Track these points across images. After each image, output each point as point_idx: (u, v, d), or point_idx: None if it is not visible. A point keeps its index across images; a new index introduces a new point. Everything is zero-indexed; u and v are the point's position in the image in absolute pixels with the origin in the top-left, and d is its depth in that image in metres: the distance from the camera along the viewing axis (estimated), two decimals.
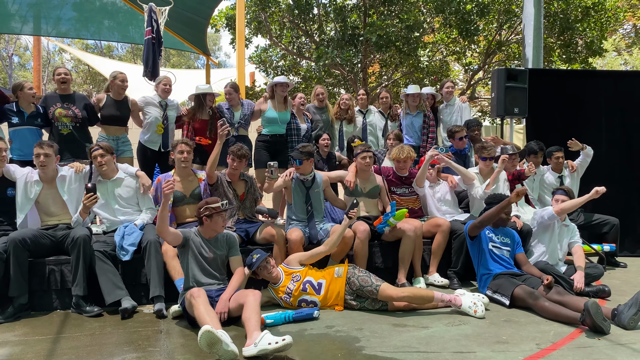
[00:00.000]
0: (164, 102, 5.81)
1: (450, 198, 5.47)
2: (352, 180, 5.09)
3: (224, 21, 13.44)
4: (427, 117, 6.55)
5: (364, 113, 6.78)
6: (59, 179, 4.47)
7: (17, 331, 3.65)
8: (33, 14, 10.41)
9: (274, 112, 6.09)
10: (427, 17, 13.09)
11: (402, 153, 5.29)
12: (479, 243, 4.58)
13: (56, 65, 8.51)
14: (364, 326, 3.71)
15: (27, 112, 5.18)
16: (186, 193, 4.75)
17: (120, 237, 4.33)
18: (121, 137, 5.65)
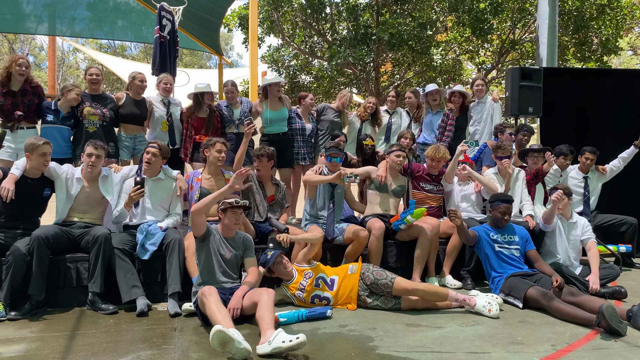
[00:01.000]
0: (167, 101, 5.87)
1: (474, 199, 5.44)
2: (384, 175, 5.10)
3: (236, 21, 13.49)
4: (446, 115, 6.50)
5: (391, 113, 6.76)
6: (101, 178, 4.55)
7: (34, 327, 3.69)
8: (48, 14, 10.52)
9: (270, 112, 6.09)
10: (439, 15, 13.01)
11: (437, 153, 5.29)
12: (482, 247, 4.56)
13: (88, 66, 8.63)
14: (377, 325, 3.70)
15: (63, 112, 5.29)
16: (213, 191, 4.78)
17: (143, 236, 4.37)
18: (138, 136, 5.74)
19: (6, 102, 5.08)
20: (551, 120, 7.03)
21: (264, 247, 4.50)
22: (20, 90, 5.15)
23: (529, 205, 5.39)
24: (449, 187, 5.40)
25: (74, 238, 4.32)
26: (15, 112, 5.07)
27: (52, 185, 4.48)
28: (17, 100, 5.13)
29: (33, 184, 4.36)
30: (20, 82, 5.15)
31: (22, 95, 5.16)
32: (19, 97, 5.14)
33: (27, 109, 5.17)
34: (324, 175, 4.82)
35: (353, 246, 4.62)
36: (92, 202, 4.54)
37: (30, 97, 5.20)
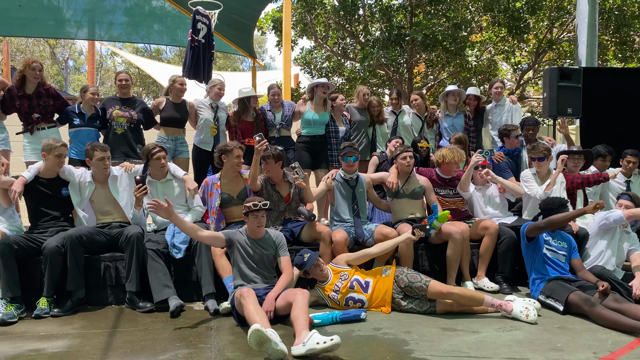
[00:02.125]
0: (215, 105, 5.96)
1: (499, 201, 5.34)
2: (394, 182, 5.03)
3: (270, 24, 13.58)
4: (468, 117, 6.41)
5: (397, 114, 6.70)
6: (111, 179, 4.65)
7: (75, 324, 3.80)
8: (87, 19, 10.79)
9: (312, 113, 6.13)
10: (474, 15, 12.80)
11: (452, 156, 5.17)
12: (535, 246, 4.44)
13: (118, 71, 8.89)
14: (412, 329, 3.67)
15: (87, 114, 5.44)
16: (233, 195, 4.84)
17: (171, 236, 4.45)
18: (179, 138, 5.86)
19: (23, 105, 5.25)
20: (591, 122, 6.85)
21: (300, 247, 4.53)
22: (35, 93, 5.31)
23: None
24: (466, 195, 5.27)
25: (112, 237, 4.43)
26: (32, 114, 5.24)
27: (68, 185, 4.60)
28: (32, 102, 5.29)
29: (50, 185, 4.49)
30: (35, 85, 5.30)
31: (37, 98, 5.31)
32: (34, 99, 5.30)
33: (43, 111, 5.34)
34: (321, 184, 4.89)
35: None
36: (112, 202, 4.64)
37: (45, 99, 5.35)
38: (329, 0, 13.20)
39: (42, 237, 4.29)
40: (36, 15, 10.02)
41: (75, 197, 4.55)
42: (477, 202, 5.32)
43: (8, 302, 3.93)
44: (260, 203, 3.91)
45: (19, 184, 4.29)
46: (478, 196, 5.34)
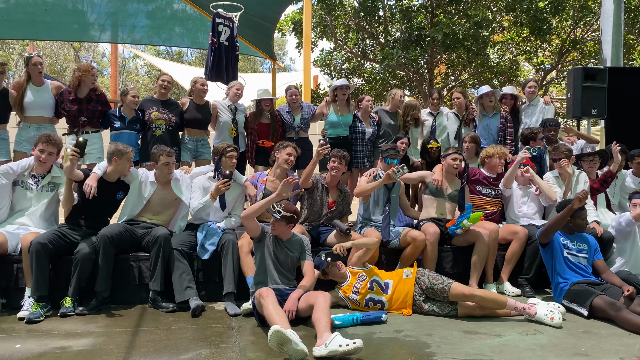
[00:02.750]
0: (234, 106, 6.00)
1: (536, 204, 5.27)
2: (440, 179, 5.00)
3: (290, 25, 13.64)
4: (504, 117, 6.31)
5: (435, 115, 6.65)
6: (173, 181, 4.74)
7: (100, 323, 3.86)
8: (111, 22, 10.97)
9: (336, 115, 6.12)
10: (496, 15, 12.67)
11: (498, 149, 5.19)
12: (552, 250, 4.38)
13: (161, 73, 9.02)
14: (433, 332, 3.64)
15: (128, 117, 5.54)
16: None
17: (203, 236, 4.50)
18: (201, 140, 5.92)
19: (72, 108, 5.36)
20: (616, 122, 6.71)
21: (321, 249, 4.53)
22: (86, 97, 5.41)
23: (592, 210, 5.16)
24: (508, 192, 5.23)
25: (137, 237, 4.49)
26: (80, 117, 5.34)
27: (126, 189, 4.68)
28: (82, 106, 5.38)
29: (109, 187, 4.57)
30: (88, 90, 5.40)
31: (87, 102, 5.41)
32: (84, 103, 5.40)
33: (91, 115, 5.42)
34: (377, 180, 4.78)
35: (410, 250, 4.57)
36: (166, 204, 4.73)
37: (94, 104, 5.45)
38: (349, 2, 13.19)
39: (74, 235, 4.34)
40: (61, 19, 10.21)
41: (133, 195, 4.64)
42: (516, 200, 5.26)
43: (35, 301, 4.00)
44: (276, 209, 3.90)
45: (93, 179, 4.36)
46: (518, 195, 5.28)
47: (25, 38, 15.83)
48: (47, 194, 4.53)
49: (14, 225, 4.40)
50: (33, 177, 4.53)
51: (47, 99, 5.38)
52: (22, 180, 4.51)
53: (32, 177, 4.53)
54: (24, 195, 4.50)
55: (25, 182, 4.51)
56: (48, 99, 5.38)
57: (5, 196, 4.45)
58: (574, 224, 4.39)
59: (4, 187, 4.42)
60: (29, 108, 5.33)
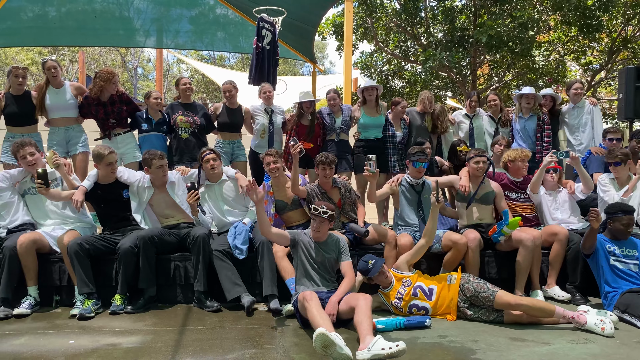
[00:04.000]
0: (269, 109, 6.07)
1: (568, 206, 5.11)
2: (466, 185, 4.92)
3: (330, 28, 13.66)
4: (542, 120, 6.17)
5: (471, 117, 6.53)
6: (169, 184, 4.82)
7: (147, 321, 3.96)
8: (156, 28, 11.28)
9: (366, 117, 6.11)
10: (542, 15, 12.33)
11: (521, 152, 5.10)
12: (597, 259, 4.23)
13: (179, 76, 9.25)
14: (479, 338, 3.57)
15: (154, 119, 5.68)
16: (287, 201, 4.93)
17: (233, 238, 4.56)
18: (236, 142, 6.04)
19: (99, 112, 5.52)
20: None
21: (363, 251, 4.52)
22: (109, 100, 5.56)
23: None
24: (536, 198, 5.08)
25: (181, 238, 4.59)
26: (108, 120, 5.50)
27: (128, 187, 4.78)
28: (107, 109, 5.55)
29: (110, 189, 4.70)
30: (107, 93, 5.54)
31: (111, 105, 5.56)
32: (109, 106, 5.56)
33: (118, 117, 5.59)
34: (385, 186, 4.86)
35: (451, 254, 4.50)
36: (171, 205, 4.80)
37: (118, 105, 5.60)
38: (390, 4, 13.11)
39: (115, 237, 4.52)
40: (109, 26, 10.57)
41: (134, 200, 4.74)
42: (546, 206, 5.11)
43: (86, 298, 4.15)
44: (321, 209, 3.93)
45: (79, 194, 4.50)
46: (548, 200, 5.13)
47: (75, 44, 16.49)
48: (55, 190, 4.64)
49: (49, 226, 4.61)
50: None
51: (66, 100, 5.54)
52: (28, 189, 4.71)
53: (34, 181, 4.63)
54: (38, 201, 4.69)
55: (31, 189, 4.69)
56: (68, 99, 5.54)
57: (11, 201, 4.61)
58: (614, 228, 4.24)
59: (5, 191, 4.60)
60: (51, 110, 5.52)
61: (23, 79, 5.41)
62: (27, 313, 4.12)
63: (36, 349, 3.32)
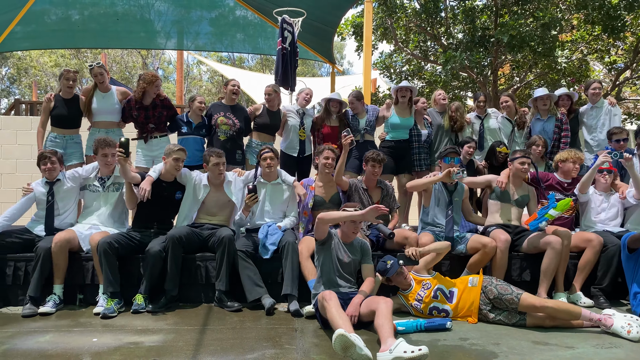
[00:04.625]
0: (302, 111, 6.09)
1: (615, 211, 5.01)
2: (504, 181, 4.87)
3: (350, 29, 13.64)
4: (560, 120, 6.06)
5: (482, 118, 6.47)
6: (226, 183, 4.88)
7: (169, 320, 4.00)
8: (176, 30, 11.42)
9: (397, 118, 6.08)
10: (565, 14, 12.12)
11: (573, 153, 5.02)
12: (638, 257, 4.13)
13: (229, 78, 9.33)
14: (500, 341, 3.53)
15: (194, 122, 5.74)
16: (326, 198, 4.93)
17: (264, 236, 4.58)
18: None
19: (140, 116, 5.60)
20: None
21: (384, 253, 4.50)
22: (151, 104, 5.63)
23: None
24: (584, 197, 5.00)
25: (204, 238, 4.63)
26: (148, 124, 5.57)
27: (183, 189, 4.85)
28: (148, 113, 5.62)
29: (166, 188, 4.77)
30: (150, 97, 5.62)
31: (152, 109, 5.63)
32: (150, 110, 5.63)
33: (157, 121, 5.66)
34: (435, 177, 4.71)
35: (479, 256, 4.44)
36: (220, 205, 4.87)
37: (159, 109, 5.66)
38: (410, 4, 13.04)
39: (143, 237, 4.58)
40: (131, 28, 10.73)
41: (188, 197, 4.81)
42: (593, 207, 5.03)
43: (109, 298, 4.21)
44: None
45: (147, 183, 4.59)
46: (597, 200, 5.04)
47: (98, 47, 16.76)
48: (113, 194, 4.82)
49: (86, 225, 4.68)
50: (100, 179, 4.84)
51: (112, 105, 5.65)
52: (89, 184, 4.84)
53: (98, 179, 4.84)
54: (92, 198, 4.83)
55: (92, 185, 4.84)
56: (114, 104, 5.66)
57: (72, 199, 4.82)
58: None
59: (71, 190, 4.79)
60: (97, 114, 5.64)
61: (73, 82, 5.55)
62: (51, 311, 4.20)
63: (61, 347, 3.37)
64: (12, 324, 3.93)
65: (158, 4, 10.15)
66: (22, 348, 3.35)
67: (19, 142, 8.58)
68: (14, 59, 28.55)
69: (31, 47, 13.41)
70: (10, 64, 29.62)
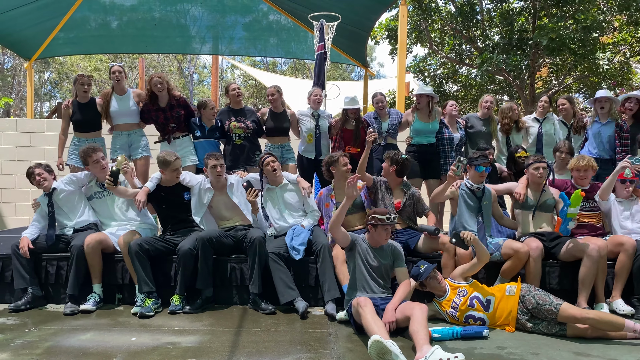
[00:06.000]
0: (316, 113, 6.10)
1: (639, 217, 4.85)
2: (522, 193, 4.76)
3: (384, 32, 13.61)
4: (620, 126, 5.70)
5: (541, 122, 6.30)
6: (229, 186, 4.92)
7: (205, 321, 4.05)
8: (211, 35, 11.62)
9: (419, 123, 6.03)
10: (606, 15, 11.80)
11: (581, 161, 4.85)
12: None
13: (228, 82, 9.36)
14: (540, 351, 3.44)
15: (207, 126, 5.81)
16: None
17: (290, 239, 4.59)
18: (284, 146, 6.11)
19: (159, 117, 5.70)
20: None
21: (416, 259, 4.46)
22: (168, 105, 5.73)
23: None
24: (605, 205, 4.84)
25: (238, 240, 4.67)
26: (168, 125, 5.67)
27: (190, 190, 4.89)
28: (167, 114, 5.72)
29: (172, 191, 4.83)
30: (166, 98, 5.72)
31: (170, 110, 5.73)
32: (168, 111, 5.73)
33: (177, 121, 5.76)
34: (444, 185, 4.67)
35: (511, 262, 4.34)
36: (229, 208, 4.90)
37: (176, 109, 5.76)
38: (445, 7, 12.94)
39: (175, 239, 4.66)
40: (167, 33, 10.98)
41: (194, 202, 4.85)
42: (616, 214, 4.86)
43: (146, 297, 4.30)
44: (392, 217, 3.92)
45: (142, 194, 4.68)
46: (619, 209, 4.88)
47: (136, 52, 17.19)
48: (121, 187, 4.80)
49: (113, 227, 4.80)
50: (100, 185, 4.92)
51: (129, 107, 5.78)
52: (94, 193, 4.94)
53: (99, 185, 4.93)
54: (103, 204, 4.93)
55: (97, 192, 4.94)
56: (131, 106, 5.78)
57: (75, 201, 4.86)
58: None
59: (72, 193, 4.85)
60: (116, 116, 5.77)
61: (88, 86, 5.69)
62: (92, 309, 4.31)
63: (101, 345, 3.45)
64: (54, 321, 4.05)
65: (193, 9, 10.36)
66: (64, 345, 3.45)
67: None
68: (55, 63, 29.55)
69: (72, 53, 13.84)
70: (52, 69, 30.66)
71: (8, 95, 26.11)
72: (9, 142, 8.86)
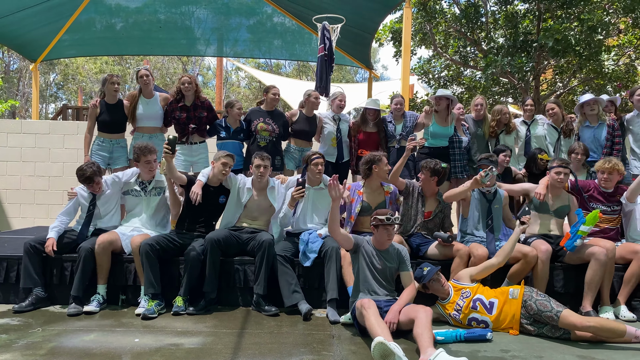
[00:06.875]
0: (337, 117, 6.10)
1: None
2: (542, 193, 4.75)
3: (388, 34, 13.59)
4: (612, 127, 5.79)
5: (529, 124, 6.31)
6: (269, 189, 4.93)
7: (208, 323, 4.05)
8: (216, 37, 11.64)
9: (437, 126, 6.01)
10: (612, 17, 11.74)
11: (607, 163, 4.82)
12: None
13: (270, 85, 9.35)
14: (543, 354, 3.43)
15: (232, 127, 5.82)
16: (372, 205, 4.89)
17: (305, 244, 4.60)
18: (305, 150, 6.09)
19: (182, 116, 5.72)
20: None
21: (421, 261, 4.45)
22: (192, 105, 5.76)
23: None
24: (629, 206, 4.81)
25: (242, 242, 4.67)
26: (189, 125, 5.68)
27: (227, 194, 4.91)
28: (190, 114, 5.74)
29: (212, 192, 4.83)
30: (192, 97, 5.74)
31: (194, 110, 5.76)
32: (192, 111, 5.76)
33: (198, 122, 5.77)
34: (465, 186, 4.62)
35: (519, 266, 4.33)
36: (262, 209, 4.90)
37: (200, 110, 5.79)
38: (450, 9, 12.92)
39: (183, 240, 4.65)
40: (172, 35, 11.01)
41: (232, 200, 4.87)
42: (637, 217, 4.83)
43: (150, 299, 4.30)
44: (393, 217, 3.90)
45: (198, 187, 4.69)
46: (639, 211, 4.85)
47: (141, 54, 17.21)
48: (154, 198, 4.92)
49: (128, 227, 4.81)
50: (141, 184, 4.95)
51: (156, 111, 5.81)
52: (131, 189, 4.95)
53: (139, 184, 4.95)
54: (134, 202, 4.94)
55: (134, 190, 4.95)
56: (157, 110, 5.82)
57: (113, 203, 4.94)
58: None
59: (112, 195, 4.91)
60: (141, 119, 5.79)
61: (118, 85, 5.74)
62: (95, 311, 4.32)
63: (104, 346, 3.46)
64: (58, 322, 4.06)
65: (198, 11, 10.38)
66: (68, 346, 3.46)
67: (66, 146, 8.88)
68: (60, 65, 29.69)
69: (77, 54, 13.87)
70: (58, 71, 30.81)
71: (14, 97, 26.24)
72: (14, 143, 8.90)
